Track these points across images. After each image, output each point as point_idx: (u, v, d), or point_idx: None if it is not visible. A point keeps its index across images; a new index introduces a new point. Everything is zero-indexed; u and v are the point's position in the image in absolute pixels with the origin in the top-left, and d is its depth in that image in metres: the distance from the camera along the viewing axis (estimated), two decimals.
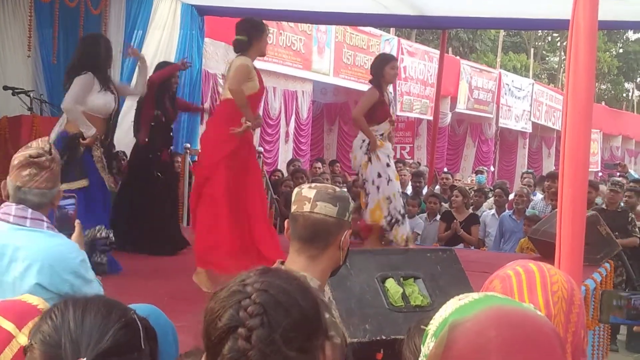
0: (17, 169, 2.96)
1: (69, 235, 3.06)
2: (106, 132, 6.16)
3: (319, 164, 13.90)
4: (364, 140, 7.31)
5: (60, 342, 1.41)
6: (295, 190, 2.59)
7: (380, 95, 7.31)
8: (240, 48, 6.09)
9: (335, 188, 2.64)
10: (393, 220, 7.24)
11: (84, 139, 5.93)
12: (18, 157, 2.98)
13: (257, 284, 1.48)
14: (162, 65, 7.80)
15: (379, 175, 7.24)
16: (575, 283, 2.05)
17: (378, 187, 7.24)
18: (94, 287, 2.96)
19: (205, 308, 1.51)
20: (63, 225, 3.10)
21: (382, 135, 7.36)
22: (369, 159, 7.26)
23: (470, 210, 9.98)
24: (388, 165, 7.34)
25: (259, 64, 14.23)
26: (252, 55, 6.01)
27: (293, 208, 2.55)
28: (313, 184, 2.62)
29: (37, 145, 3.04)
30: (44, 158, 2.98)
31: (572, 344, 1.88)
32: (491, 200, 11.10)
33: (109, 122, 6.19)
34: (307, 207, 2.52)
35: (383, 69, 7.34)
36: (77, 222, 3.13)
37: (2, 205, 2.99)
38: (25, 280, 2.83)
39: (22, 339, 1.73)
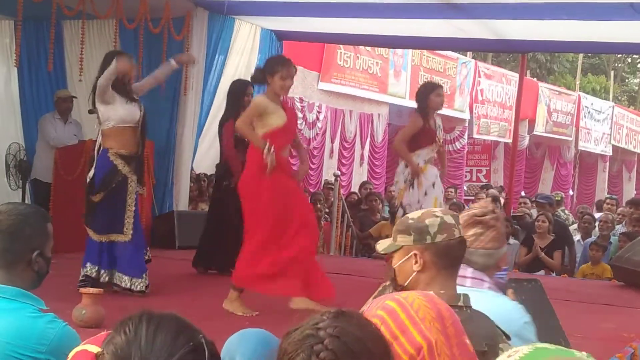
0: (462, 229, 2.87)
1: None
2: (138, 141, 6.34)
3: (393, 187, 13.86)
4: (406, 166, 7.31)
5: (130, 356, 1.45)
6: (430, 220, 2.52)
7: (424, 122, 7.26)
8: (252, 80, 6.35)
9: (450, 210, 2.65)
10: None
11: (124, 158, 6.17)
12: (463, 217, 2.90)
13: (330, 328, 1.52)
14: (235, 84, 7.84)
15: (418, 202, 7.18)
16: (434, 295, 1.99)
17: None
18: None
19: (279, 347, 1.56)
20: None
21: (425, 161, 7.28)
22: (411, 185, 7.24)
23: (553, 236, 9.74)
24: (426, 194, 7.29)
25: (335, 86, 14.37)
26: (269, 91, 5.97)
27: (441, 237, 2.50)
28: (437, 210, 2.60)
29: (480, 205, 3.01)
30: (488, 217, 2.92)
31: (461, 355, 1.84)
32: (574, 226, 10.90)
33: (140, 132, 6.35)
34: (457, 233, 2.52)
35: (428, 96, 7.32)
36: (509, 291, 3.02)
37: None
38: None
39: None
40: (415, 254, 2.52)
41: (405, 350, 1.78)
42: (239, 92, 7.54)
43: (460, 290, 2.74)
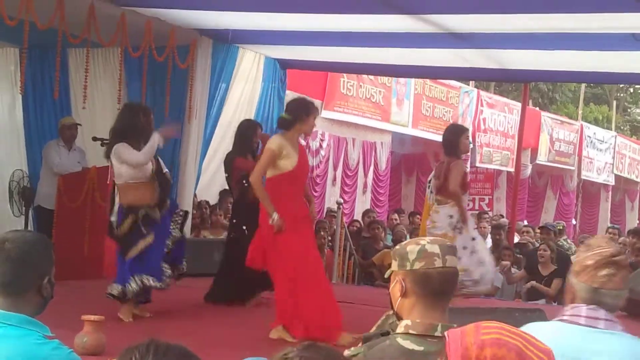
0: (593, 269, 2.75)
1: None
2: (154, 194, 6.39)
3: (396, 215, 13.87)
4: (451, 216, 7.20)
5: None
6: (411, 247, 2.53)
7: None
8: (283, 125, 6.25)
9: (446, 240, 2.66)
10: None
11: (134, 209, 6.24)
12: (592, 257, 2.77)
13: (296, 358, 1.56)
14: (244, 124, 7.93)
15: (464, 248, 7.11)
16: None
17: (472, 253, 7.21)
18: None
19: None
20: None
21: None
22: (459, 232, 7.15)
23: (556, 266, 9.75)
24: (474, 238, 7.32)
25: (338, 114, 14.40)
26: (293, 134, 6.10)
27: (419, 265, 2.50)
28: (427, 238, 2.60)
29: (599, 242, 2.84)
30: (622, 257, 2.79)
31: None
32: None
33: (158, 184, 6.43)
34: (438, 263, 2.49)
35: (459, 138, 7.31)
36: None
37: (568, 307, 2.80)
38: None
39: None
40: (397, 280, 2.54)
41: (538, 356, 1.78)
42: (248, 133, 7.63)
43: (593, 332, 2.66)
